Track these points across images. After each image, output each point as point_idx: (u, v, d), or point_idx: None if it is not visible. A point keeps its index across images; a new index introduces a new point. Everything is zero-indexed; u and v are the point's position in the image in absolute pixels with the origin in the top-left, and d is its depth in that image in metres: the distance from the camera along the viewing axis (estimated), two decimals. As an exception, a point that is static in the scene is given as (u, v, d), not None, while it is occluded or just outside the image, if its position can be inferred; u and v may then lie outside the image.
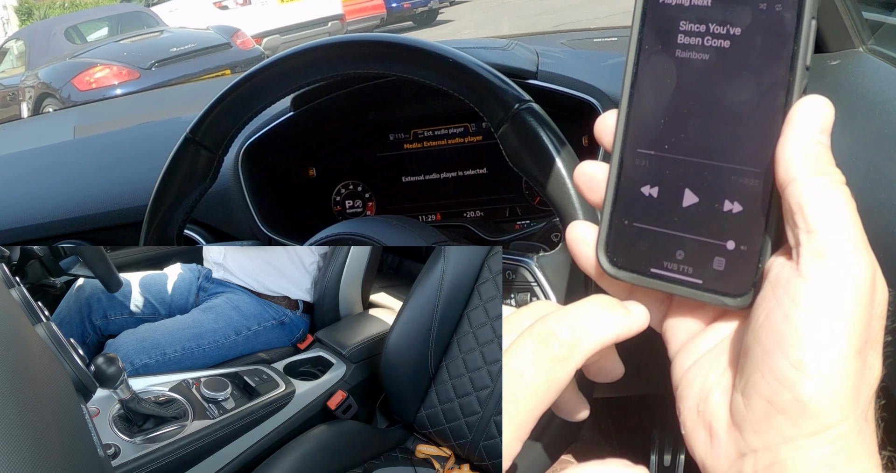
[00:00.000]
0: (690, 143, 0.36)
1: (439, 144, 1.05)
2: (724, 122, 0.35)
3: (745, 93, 0.34)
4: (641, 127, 0.37)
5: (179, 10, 8.91)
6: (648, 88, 0.37)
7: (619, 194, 0.38)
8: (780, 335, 0.32)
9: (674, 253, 0.36)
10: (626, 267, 0.38)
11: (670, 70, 0.36)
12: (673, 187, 0.36)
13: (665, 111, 0.36)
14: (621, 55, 1.18)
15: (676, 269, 0.36)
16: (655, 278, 0.37)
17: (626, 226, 0.38)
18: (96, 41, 7.80)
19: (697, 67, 0.35)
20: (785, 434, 0.32)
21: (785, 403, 0.31)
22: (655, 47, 0.36)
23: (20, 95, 7.19)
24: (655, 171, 0.37)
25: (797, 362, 0.31)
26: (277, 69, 0.79)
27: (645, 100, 0.37)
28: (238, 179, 0.99)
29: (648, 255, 0.37)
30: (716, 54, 0.34)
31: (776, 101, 0.33)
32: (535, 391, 0.35)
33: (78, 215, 1.07)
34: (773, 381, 0.32)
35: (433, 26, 10.10)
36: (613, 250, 0.38)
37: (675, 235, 0.36)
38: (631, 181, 0.37)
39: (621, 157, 0.38)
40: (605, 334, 0.36)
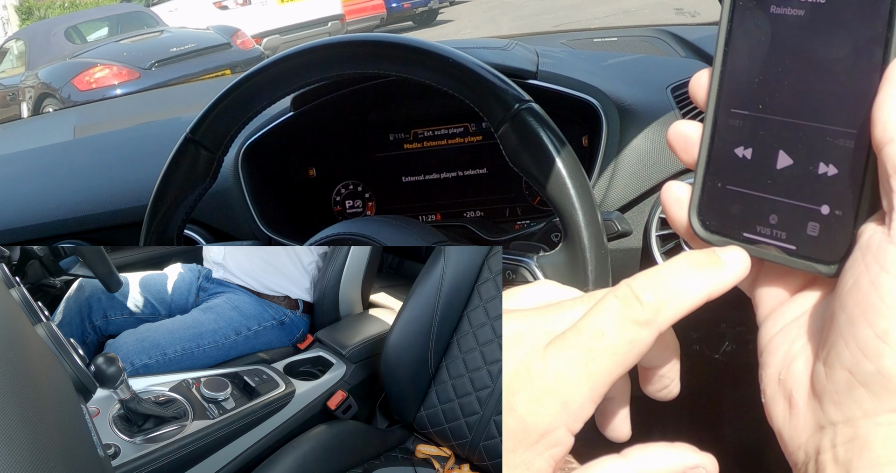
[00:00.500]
0: (785, 102, 0.35)
1: (439, 144, 1.05)
2: (820, 80, 0.33)
3: (841, 50, 0.33)
4: (735, 86, 0.36)
5: (179, 10, 8.91)
6: (743, 45, 0.36)
7: (712, 155, 0.37)
8: (867, 303, 0.30)
9: (767, 217, 0.35)
10: (718, 231, 0.37)
11: (765, 27, 0.35)
12: (767, 148, 0.35)
13: (760, 69, 0.35)
14: (621, 55, 1.18)
15: (769, 233, 0.35)
16: (748, 242, 0.36)
17: (719, 188, 0.37)
18: (96, 41, 7.80)
19: (792, 23, 0.34)
20: (866, 408, 0.30)
21: (867, 375, 0.30)
22: (750, 3, 0.35)
23: (20, 95, 7.19)
24: (749, 131, 0.36)
25: (883, 332, 0.30)
26: (277, 69, 0.79)
27: (739, 58, 0.36)
28: (238, 179, 0.99)
29: (741, 218, 0.36)
30: (811, 10, 0.34)
31: (873, 58, 0.32)
32: (616, 352, 0.34)
33: (78, 215, 1.07)
34: (856, 351, 0.30)
35: (433, 26, 10.10)
36: (706, 213, 0.37)
37: (769, 198, 0.35)
38: (724, 142, 0.36)
39: (715, 116, 0.37)
40: (690, 297, 0.35)
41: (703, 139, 0.37)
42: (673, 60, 1.18)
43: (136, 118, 1.59)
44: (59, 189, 1.16)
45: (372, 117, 1.06)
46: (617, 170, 0.89)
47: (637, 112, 0.91)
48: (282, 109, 1.01)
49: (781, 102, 0.35)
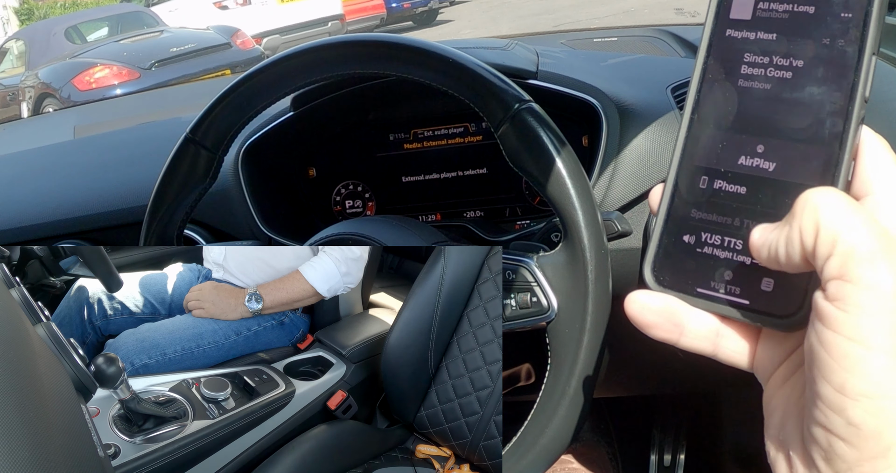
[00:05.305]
0: (746, 167, 0.36)
1: (439, 144, 1.05)
2: (782, 148, 0.36)
3: (804, 120, 0.35)
4: (698, 149, 0.38)
5: (179, 10, 8.91)
6: (709, 113, 0.38)
7: (670, 214, 0.39)
8: (819, 361, 0.31)
9: (722, 273, 0.37)
10: (672, 286, 0.38)
11: (731, 98, 0.37)
12: (724, 209, 0.37)
13: (722, 138, 0.37)
14: (621, 55, 1.18)
15: (724, 289, 0.37)
16: (701, 297, 0.37)
17: (675, 245, 0.38)
18: (96, 41, 7.80)
19: (758, 95, 0.36)
20: (849, 460, 0.31)
21: (839, 428, 0.31)
22: (719, 77, 0.38)
23: (20, 95, 7.19)
24: (708, 193, 0.37)
25: (839, 386, 0.31)
26: (277, 69, 0.79)
27: (704, 126, 0.38)
28: (238, 179, 0.99)
29: (695, 274, 0.37)
30: (777, 84, 0.36)
31: (834, 128, 0.34)
32: None
33: (78, 215, 1.07)
34: (823, 407, 0.31)
35: (433, 26, 10.10)
36: (660, 268, 0.39)
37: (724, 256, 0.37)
38: (683, 202, 0.38)
39: (676, 177, 0.39)
40: None
41: (662, 198, 0.39)
42: (673, 60, 1.18)
43: (136, 118, 1.59)
44: (59, 189, 1.16)
45: (372, 117, 1.06)
46: (617, 170, 0.89)
47: (637, 112, 0.91)
48: (282, 109, 1.01)
49: (741, 167, 0.37)
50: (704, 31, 0.38)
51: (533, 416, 0.75)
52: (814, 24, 0.35)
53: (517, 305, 0.75)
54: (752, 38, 0.37)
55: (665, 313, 0.37)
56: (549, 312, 0.74)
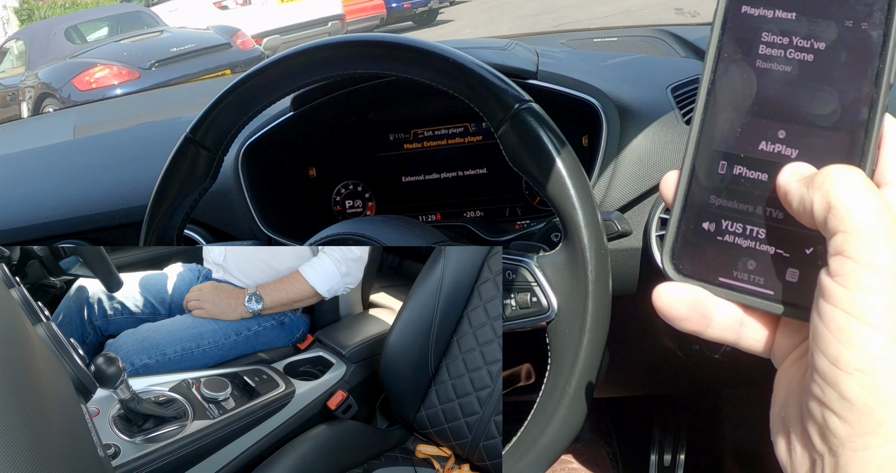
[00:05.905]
0: (766, 152, 0.35)
1: (439, 144, 1.05)
2: (803, 135, 0.34)
3: (827, 107, 0.34)
4: (715, 134, 0.37)
5: (179, 10, 8.91)
6: (725, 96, 0.36)
7: (688, 201, 0.38)
8: (817, 333, 0.32)
9: (745, 263, 0.36)
10: (693, 275, 0.37)
11: (750, 80, 0.36)
12: (746, 197, 0.36)
13: (741, 121, 0.36)
14: (621, 55, 1.18)
15: (747, 279, 0.36)
16: (724, 287, 0.37)
17: (695, 233, 0.37)
18: (96, 41, 7.80)
19: (778, 78, 0.35)
20: (841, 435, 0.31)
21: (833, 403, 0.31)
22: (735, 56, 0.36)
23: (20, 95, 7.19)
24: (728, 179, 0.36)
25: (833, 358, 0.31)
26: (277, 69, 0.79)
27: (721, 108, 0.37)
28: (238, 179, 0.99)
29: (717, 264, 0.37)
30: (798, 67, 0.35)
31: (858, 116, 0.33)
32: None
33: (78, 215, 1.07)
34: (819, 381, 0.32)
35: (433, 26, 10.10)
36: (680, 257, 0.38)
37: (747, 245, 0.36)
38: (701, 189, 0.37)
39: (693, 162, 0.37)
40: None
41: (679, 184, 0.38)
42: (673, 60, 1.18)
43: (136, 118, 1.59)
44: (59, 189, 1.16)
45: (372, 117, 1.06)
46: (617, 170, 0.89)
47: (637, 112, 0.91)
48: (282, 109, 1.01)
49: (762, 152, 0.36)
50: (718, 6, 0.36)
51: (533, 416, 0.75)
52: (835, 4, 0.34)
53: (517, 305, 0.75)
54: (769, 17, 0.35)
55: (694, 305, 0.37)
56: (549, 312, 0.74)
